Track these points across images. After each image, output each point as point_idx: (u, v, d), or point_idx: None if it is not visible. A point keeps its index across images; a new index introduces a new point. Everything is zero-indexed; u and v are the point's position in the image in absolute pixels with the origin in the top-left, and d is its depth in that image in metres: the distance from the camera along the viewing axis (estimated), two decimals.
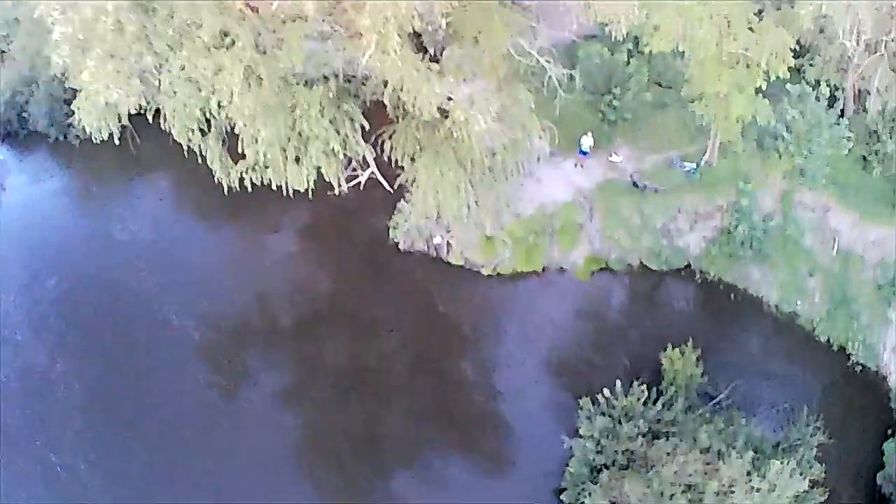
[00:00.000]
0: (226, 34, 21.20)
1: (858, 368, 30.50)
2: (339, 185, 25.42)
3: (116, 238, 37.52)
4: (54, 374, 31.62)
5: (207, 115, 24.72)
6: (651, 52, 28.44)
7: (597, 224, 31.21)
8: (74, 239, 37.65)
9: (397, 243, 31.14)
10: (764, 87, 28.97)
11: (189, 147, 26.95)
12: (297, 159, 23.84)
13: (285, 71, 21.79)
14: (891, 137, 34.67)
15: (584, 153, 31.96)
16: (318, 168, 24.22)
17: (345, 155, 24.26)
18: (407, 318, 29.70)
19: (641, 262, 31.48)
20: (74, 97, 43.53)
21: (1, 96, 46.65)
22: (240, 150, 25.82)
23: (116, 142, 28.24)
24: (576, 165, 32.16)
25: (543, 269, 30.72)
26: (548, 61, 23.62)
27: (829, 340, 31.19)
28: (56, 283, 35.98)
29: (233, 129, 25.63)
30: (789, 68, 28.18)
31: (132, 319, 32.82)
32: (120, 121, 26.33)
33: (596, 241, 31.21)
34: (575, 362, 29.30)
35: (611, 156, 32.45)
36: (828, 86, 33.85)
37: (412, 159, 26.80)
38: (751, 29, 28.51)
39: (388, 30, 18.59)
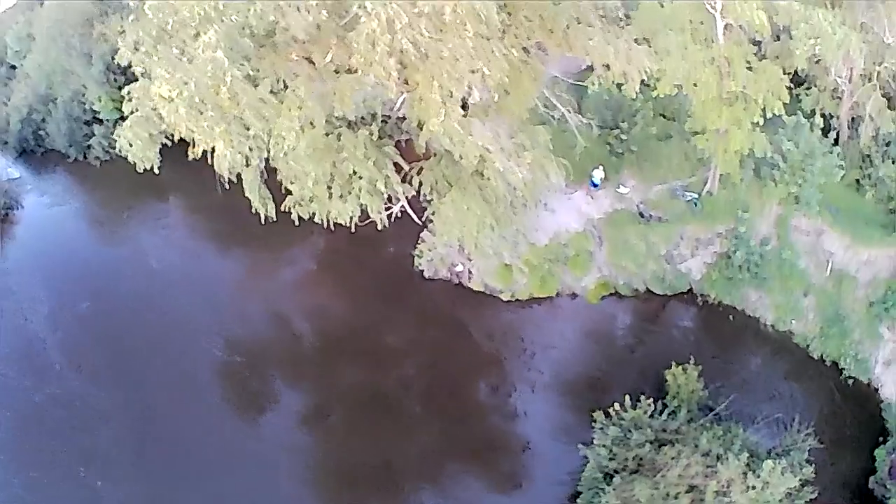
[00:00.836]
0: (285, 84, 23.58)
1: (850, 382, 34.25)
2: (381, 221, 28.02)
3: (146, 263, 40.29)
4: (81, 393, 34.30)
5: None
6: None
7: (605, 252, 34.51)
8: (104, 264, 40.74)
9: (422, 271, 34.15)
10: (761, 123, 31.96)
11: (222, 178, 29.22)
12: (342, 195, 26.26)
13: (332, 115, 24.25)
14: (883, 162, 37.99)
15: (596, 185, 35.26)
16: (362, 204, 26.63)
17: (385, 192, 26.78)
18: (430, 340, 32.78)
19: (647, 287, 34.70)
20: (94, 118, 46.36)
21: (17, 113, 49.38)
22: (281, 186, 28.17)
23: (156, 171, 30.02)
24: (587, 196, 35.08)
25: (557, 294, 34.04)
26: (568, 111, 26.45)
27: (822, 357, 34.87)
28: (86, 306, 38.42)
29: (267, 160, 28.08)
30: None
31: (163, 343, 35.85)
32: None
33: (605, 267, 34.56)
34: (586, 379, 32.75)
35: (618, 187, 35.74)
36: (822, 115, 37.15)
37: (439, 193, 29.50)
38: (749, 68, 31.48)
39: (453, 103, 21.42)
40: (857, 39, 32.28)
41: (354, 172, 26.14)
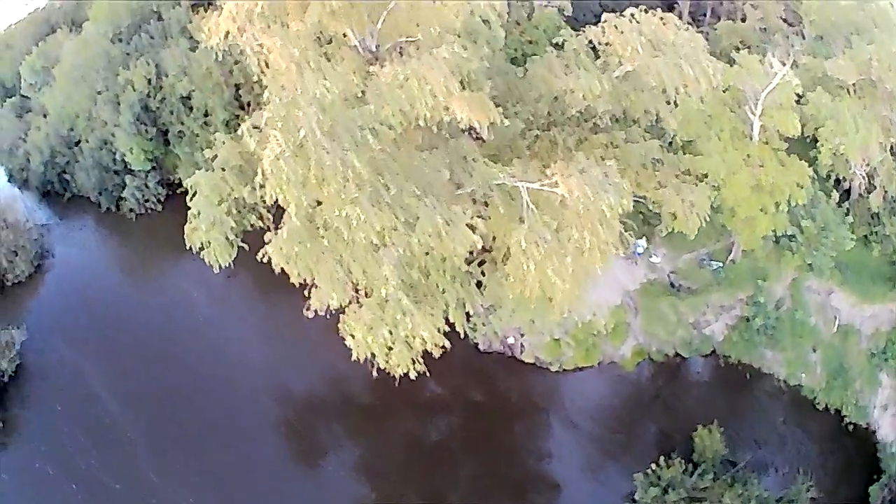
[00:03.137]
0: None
1: (850, 427, 40.90)
2: (464, 329, 32.29)
3: (191, 320, 44.42)
4: (138, 453, 39.46)
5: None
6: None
7: (640, 321, 40.51)
8: (146, 319, 43.78)
9: (476, 344, 39.73)
10: (785, 210, 37.62)
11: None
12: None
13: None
14: (890, 220, 43.99)
15: (639, 254, 40.67)
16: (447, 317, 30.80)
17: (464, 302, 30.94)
18: (484, 406, 38.70)
19: (676, 351, 40.95)
20: (126, 168, 49.21)
21: (38, 154, 51.79)
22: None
23: (231, 266, 34.20)
24: (628, 264, 40.56)
25: (598, 363, 39.95)
26: None
27: (826, 406, 41.55)
28: (132, 363, 42.82)
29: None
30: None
31: (210, 395, 40.61)
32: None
33: (640, 335, 40.63)
34: (624, 439, 39.26)
35: (651, 256, 41.18)
36: (837, 178, 42.81)
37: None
38: (780, 162, 36.86)
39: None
40: (876, 134, 37.84)
41: (445, 291, 30.01)
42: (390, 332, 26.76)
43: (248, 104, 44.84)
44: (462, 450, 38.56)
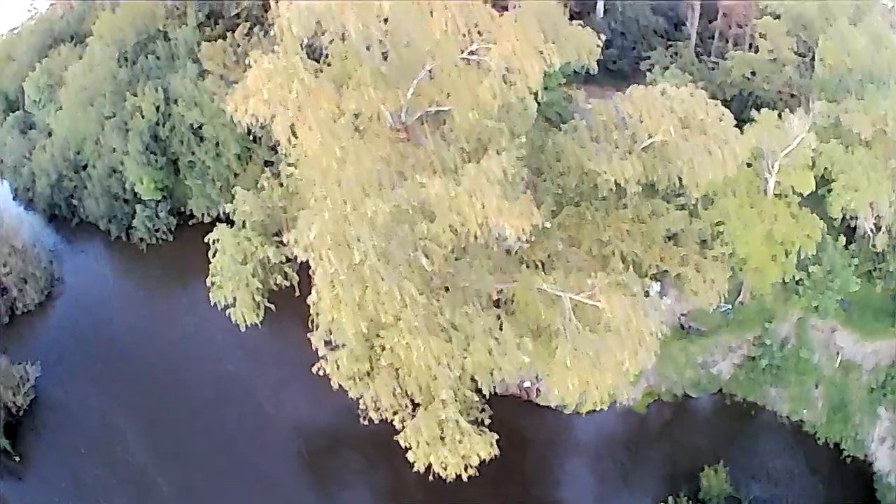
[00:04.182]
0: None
1: (849, 459, 42.56)
2: (491, 388, 33.03)
3: (206, 352, 44.85)
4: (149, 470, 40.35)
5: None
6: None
7: (653, 364, 41.28)
8: (162, 352, 44.22)
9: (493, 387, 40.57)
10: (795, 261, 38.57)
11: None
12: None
13: None
14: (894, 257, 45.02)
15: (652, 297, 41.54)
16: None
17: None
18: (499, 443, 39.75)
19: (685, 392, 42.08)
20: (135, 196, 48.89)
21: (45, 177, 51.33)
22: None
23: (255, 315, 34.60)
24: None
25: (612, 405, 40.97)
26: None
27: (826, 440, 43.10)
28: (144, 393, 43.31)
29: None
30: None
31: (229, 431, 41.50)
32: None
33: (651, 377, 41.67)
34: (634, 478, 40.51)
35: (663, 297, 41.98)
36: (845, 218, 43.74)
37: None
38: (793, 216, 37.67)
39: None
40: (887, 190, 38.66)
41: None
42: (450, 451, 28.13)
43: (261, 138, 44.54)
44: (476, 484, 39.64)
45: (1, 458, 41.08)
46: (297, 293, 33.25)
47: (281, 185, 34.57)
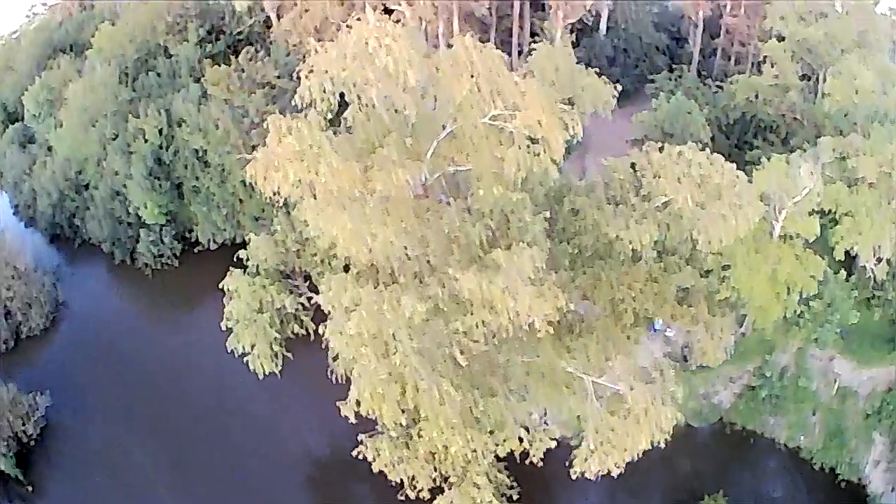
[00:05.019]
0: None
1: (843, 483, 43.97)
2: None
3: (214, 380, 45.12)
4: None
5: None
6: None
7: None
8: (170, 380, 44.39)
9: None
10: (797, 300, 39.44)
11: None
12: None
13: None
14: (893, 285, 46.01)
15: (656, 330, 42.28)
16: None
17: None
18: None
19: (686, 422, 43.11)
20: (139, 220, 48.64)
21: (46, 196, 50.86)
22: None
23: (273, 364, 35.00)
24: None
25: None
26: None
27: (822, 465, 44.50)
28: (153, 420, 43.72)
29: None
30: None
31: (241, 459, 42.07)
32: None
33: None
34: None
35: (666, 331, 42.84)
36: (846, 252, 44.59)
37: None
38: (797, 257, 38.43)
39: None
40: (890, 230, 39.42)
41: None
42: None
43: None
44: None
45: (13, 488, 41.53)
46: (312, 339, 33.86)
47: (293, 228, 34.70)
